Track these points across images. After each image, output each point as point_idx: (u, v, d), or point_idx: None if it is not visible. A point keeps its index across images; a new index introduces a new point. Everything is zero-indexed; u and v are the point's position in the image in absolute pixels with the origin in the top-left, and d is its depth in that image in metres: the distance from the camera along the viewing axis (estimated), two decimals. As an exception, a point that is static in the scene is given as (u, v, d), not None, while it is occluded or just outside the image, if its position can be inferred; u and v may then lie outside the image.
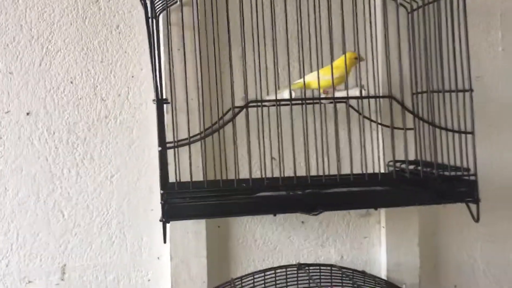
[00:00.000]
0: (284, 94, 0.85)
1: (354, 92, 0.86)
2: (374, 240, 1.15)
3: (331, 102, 0.89)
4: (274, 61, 0.96)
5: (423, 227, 1.14)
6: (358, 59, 0.92)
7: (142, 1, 0.81)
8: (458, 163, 0.91)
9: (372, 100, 1.03)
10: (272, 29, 0.93)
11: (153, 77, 0.82)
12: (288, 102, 0.84)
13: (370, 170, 1.04)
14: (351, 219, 1.14)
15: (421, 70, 1.03)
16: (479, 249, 1.20)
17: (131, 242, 1.07)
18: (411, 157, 1.01)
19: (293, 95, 0.84)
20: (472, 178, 0.86)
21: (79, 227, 1.05)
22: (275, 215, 0.84)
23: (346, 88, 0.87)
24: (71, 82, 1.04)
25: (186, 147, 0.89)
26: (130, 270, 1.07)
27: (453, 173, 0.89)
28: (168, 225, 0.98)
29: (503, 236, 1.21)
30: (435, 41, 0.99)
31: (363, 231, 1.15)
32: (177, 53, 1.00)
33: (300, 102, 0.84)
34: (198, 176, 0.94)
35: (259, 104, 0.84)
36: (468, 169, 0.87)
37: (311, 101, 0.86)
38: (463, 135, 0.90)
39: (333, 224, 1.14)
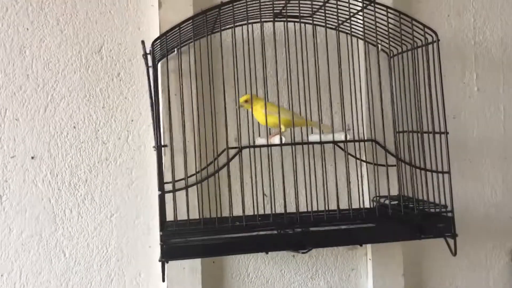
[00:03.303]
0: (275, 140, 0.92)
1: (340, 135, 0.93)
2: (361, 272, 1.21)
3: (319, 143, 0.96)
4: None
5: (408, 258, 1.21)
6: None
7: (144, 56, 0.88)
8: (438, 200, 0.98)
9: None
10: (263, 74, 1.00)
11: (154, 126, 0.88)
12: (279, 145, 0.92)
13: (356, 205, 1.11)
14: (339, 252, 1.20)
15: (401, 111, 1.11)
16: (461, 278, 1.26)
17: (130, 279, 1.12)
18: (395, 192, 1.09)
19: (283, 141, 0.91)
20: (449, 214, 0.93)
21: (80, 265, 1.10)
22: (267, 252, 0.90)
23: (332, 131, 0.94)
24: (74, 127, 1.11)
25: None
26: (129, 306, 1.11)
27: (432, 210, 0.96)
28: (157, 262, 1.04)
29: (483, 266, 1.27)
30: (414, 85, 1.07)
31: (350, 263, 1.21)
32: (174, 98, 1.07)
33: (290, 144, 0.91)
34: (194, 214, 1.00)
35: (252, 147, 0.91)
36: (445, 206, 0.94)
37: (300, 144, 0.94)
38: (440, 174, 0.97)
39: (322, 257, 1.19)
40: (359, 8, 1.02)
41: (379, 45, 1.13)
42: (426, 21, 1.23)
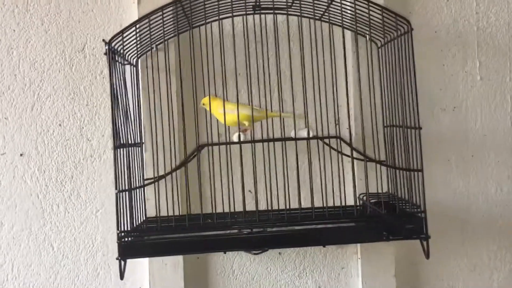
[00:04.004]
0: (234, 137, 0.90)
1: (303, 132, 0.90)
2: (352, 271, 1.17)
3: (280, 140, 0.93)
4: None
5: (401, 258, 1.15)
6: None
7: (107, 54, 0.88)
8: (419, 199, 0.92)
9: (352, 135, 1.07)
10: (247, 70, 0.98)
11: (113, 125, 0.89)
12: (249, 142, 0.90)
13: (344, 203, 1.06)
14: (328, 250, 1.17)
15: (389, 104, 1.06)
16: (462, 280, 1.19)
17: (115, 273, 1.14)
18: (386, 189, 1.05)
19: (242, 138, 0.89)
20: (422, 215, 0.87)
21: (67, 259, 1.13)
22: (225, 252, 0.88)
23: (295, 129, 0.91)
24: (60, 125, 1.13)
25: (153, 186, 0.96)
26: (115, 300, 1.14)
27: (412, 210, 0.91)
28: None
29: (486, 267, 1.19)
30: (397, 77, 1.01)
31: (340, 262, 1.17)
32: (148, 95, 1.07)
33: (249, 141, 0.89)
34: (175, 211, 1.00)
35: (210, 144, 0.90)
36: (418, 206, 0.88)
37: (260, 141, 0.91)
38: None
39: (310, 255, 1.16)
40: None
41: (367, 35, 1.08)
42: (422, 6, 1.17)
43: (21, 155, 1.13)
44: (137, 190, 0.95)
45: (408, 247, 1.16)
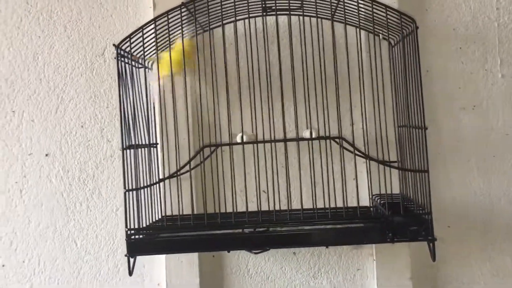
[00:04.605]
0: (237, 138, 0.92)
1: (306, 133, 0.90)
2: (367, 273, 1.15)
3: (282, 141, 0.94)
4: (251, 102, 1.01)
5: (418, 260, 1.13)
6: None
7: (117, 58, 0.92)
8: (433, 200, 0.90)
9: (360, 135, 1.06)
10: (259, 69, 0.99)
11: (121, 126, 0.92)
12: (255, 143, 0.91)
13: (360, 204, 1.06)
14: (343, 251, 1.16)
15: (399, 104, 1.04)
16: (483, 285, 1.15)
17: (135, 269, 1.15)
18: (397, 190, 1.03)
19: (245, 139, 0.90)
20: (428, 216, 0.86)
21: (90, 255, 1.18)
22: (229, 251, 0.90)
23: (297, 131, 0.91)
24: (82, 126, 1.18)
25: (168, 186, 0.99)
26: (134, 295, 1.18)
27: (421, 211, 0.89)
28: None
29: (510, 271, 1.15)
30: (407, 76, 1.00)
31: (355, 263, 1.16)
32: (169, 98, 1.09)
33: (252, 142, 0.90)
34: (188, 210, 1.02)
35: (213, 145, 0.92)
36: (424, 207, 0.87)
37: (262, 142, 0.92)
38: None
39: (325, 256, 1.16)
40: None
41: (380, 34, 1.07)
42: (439, 3, 1.14)
43: (46, 155, 1.18)
44: (154, 189, 0.98)
45: (425, 249, 1.13)
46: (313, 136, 0.89)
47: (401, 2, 1.09)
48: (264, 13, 1.03)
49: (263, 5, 1.03)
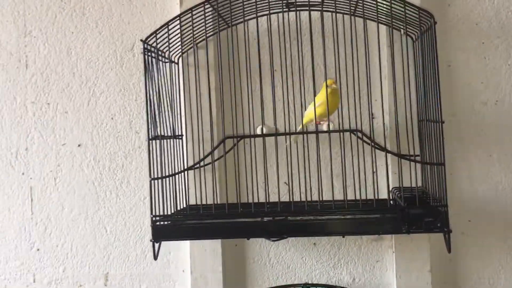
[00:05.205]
0: (257, 130, 0.95)
1: (324, 126, 0.93)
2: (387, 265, 1.17)
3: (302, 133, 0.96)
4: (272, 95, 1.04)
5: (438, 253, 1.14)
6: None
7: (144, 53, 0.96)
8: (448, 194, 0.91)
9: (381, 128, 1.08)
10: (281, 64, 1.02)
11: (147, 118, 0.97)
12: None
13: (378, 196, 1.07)
14: (362, 243, 1.18)
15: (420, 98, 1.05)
16: (503, 278, 1.15)
17: (161, 255, 1.20)
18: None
19: (265, 131, 0.93)
20: (443, 209, 0.87)
21: (119, 241, 1.24)
22: (248, 238, 0.93)
23: (315, 122, 0.94)
24: (112, 118, 1.24)
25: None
26: (160, 281, 1.23)
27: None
28: (188, 242, 1.14)
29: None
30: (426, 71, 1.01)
31: (375, 255, 1.18)
32: (194, 91, 1.14)
33: (272, 135, 0.93)
34: (211, 200, 1.06)
35: (235, 137, 0.95)
36: (439, 200, 0.88)
37: (283, 134, 0.95)
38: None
39: (345, 247, 1.18)
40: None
41: (402, 29, 1.08)
42: (461, -1, 1.14)
43: (79, 145, 1.24)
44: (178, 179, 1.03)
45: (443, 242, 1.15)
46: (331, 129, 0.91)
47: (424, -3, 1.10)
48: (286, 9, 1.06)
49: (286, 1, 1.06)
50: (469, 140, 1.15)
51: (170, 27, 1.01)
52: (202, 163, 0.99)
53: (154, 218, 0.93)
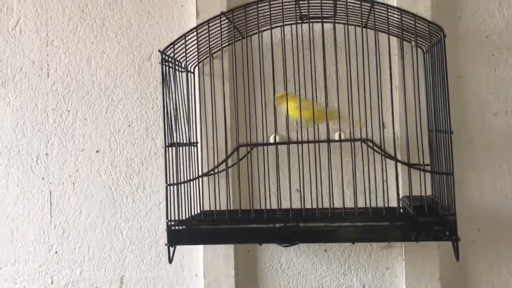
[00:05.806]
0: (270, 138, 0.98)
1: (336, 135, 0.95)
2: (396, 272, 1.19)
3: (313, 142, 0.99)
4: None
5: (447, 261, 1.15)
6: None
7: (161, 63, 1.00)
8: (457, 203, 0.93)
9: (391, 138, 1.11)
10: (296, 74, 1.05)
11: (164, 126, 1.00)
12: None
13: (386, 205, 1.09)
14: (373, 250, 1.20)
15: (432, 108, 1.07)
16: (512, 288, 1.17)
17: (175, 260, 1.23)
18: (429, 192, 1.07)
19: (278, 140, 0.96)
20: (452, 217, 0.89)
21: (134, 245, 1.27)
22: (260, 244, 0.96)
23: (327, 131, 0.97)
24: (129, 125, 1.28)
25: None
26: (173, 284, 1.26)
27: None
28: (201, 247, 1.17)
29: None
30: (436, 82, 1.03)
31: (385, 262, 1.20)
32: (209, 100, 1.17)
33: (284, 143, 0.96)
34: (224, 206, 1.09)
35: (249, 145, 0.98)
36: (448, 209, 0.90)
37: (295, 142, 0.98)
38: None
39: (355, 254, 1.20)
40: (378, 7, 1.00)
41: (413, 41, 1.10)
42: (472, 11, 1.16)
43: (97, 151, 1.28)
44: (193, 185, 1.06)
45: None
46: (343, 137, 0.94)
47: (434, 10, 1.12)
48: (300, 21, 1.09)
49: (299, 13, 1.09)
50: (479, 150, 1.17)
51: (187, 38, 1.05)
52: (216, 170, 1.02)
53: (169, 223, 0.96)
